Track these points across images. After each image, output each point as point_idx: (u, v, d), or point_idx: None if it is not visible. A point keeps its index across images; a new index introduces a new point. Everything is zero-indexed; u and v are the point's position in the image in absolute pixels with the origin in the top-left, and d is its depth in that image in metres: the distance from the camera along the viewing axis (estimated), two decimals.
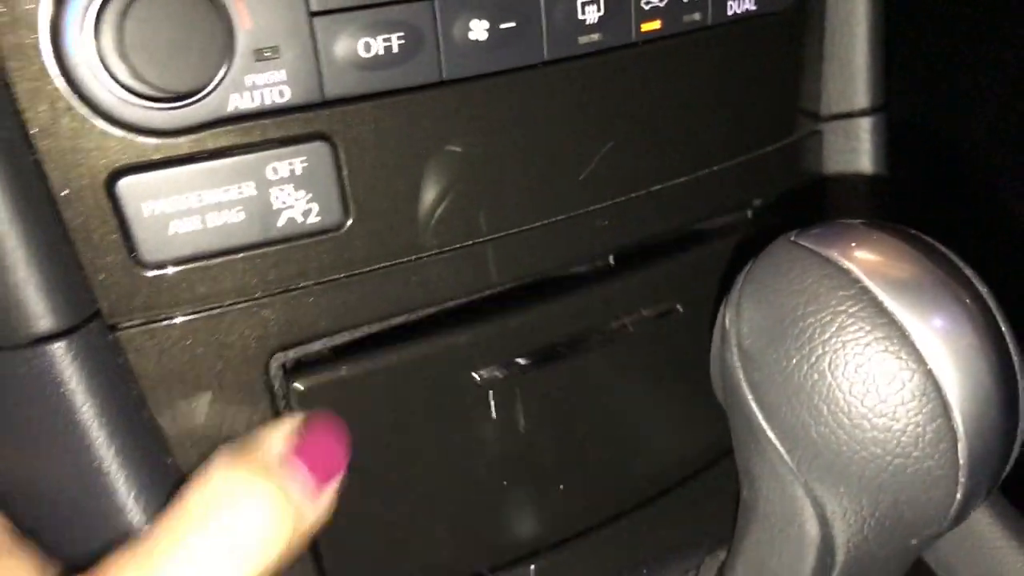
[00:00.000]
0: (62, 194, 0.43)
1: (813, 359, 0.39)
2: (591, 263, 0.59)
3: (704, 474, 0.62)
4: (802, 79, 0.66)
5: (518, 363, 0.55)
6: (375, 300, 0.51)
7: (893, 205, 0.67)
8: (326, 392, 0.51)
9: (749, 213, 0.64)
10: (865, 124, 0.67)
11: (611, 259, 0.59)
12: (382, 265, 0.50)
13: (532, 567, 0.57)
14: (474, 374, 0.54)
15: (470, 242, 0.52)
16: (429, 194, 0.50)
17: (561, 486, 0.58)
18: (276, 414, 0.50)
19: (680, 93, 0.57)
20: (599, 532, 0.59)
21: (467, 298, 0.54)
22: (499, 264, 0.54)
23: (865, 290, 0.38)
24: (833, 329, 0.38)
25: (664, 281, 0.60)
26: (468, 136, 0.51)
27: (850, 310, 0.38)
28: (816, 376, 0.39)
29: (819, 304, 0.39)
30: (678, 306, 0.59)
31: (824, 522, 0.42)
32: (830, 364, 0.38)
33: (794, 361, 0.39)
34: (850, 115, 0.67)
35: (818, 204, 0.68)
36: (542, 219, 0.55)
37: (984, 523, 0.60)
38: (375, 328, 0.52)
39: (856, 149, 0.67)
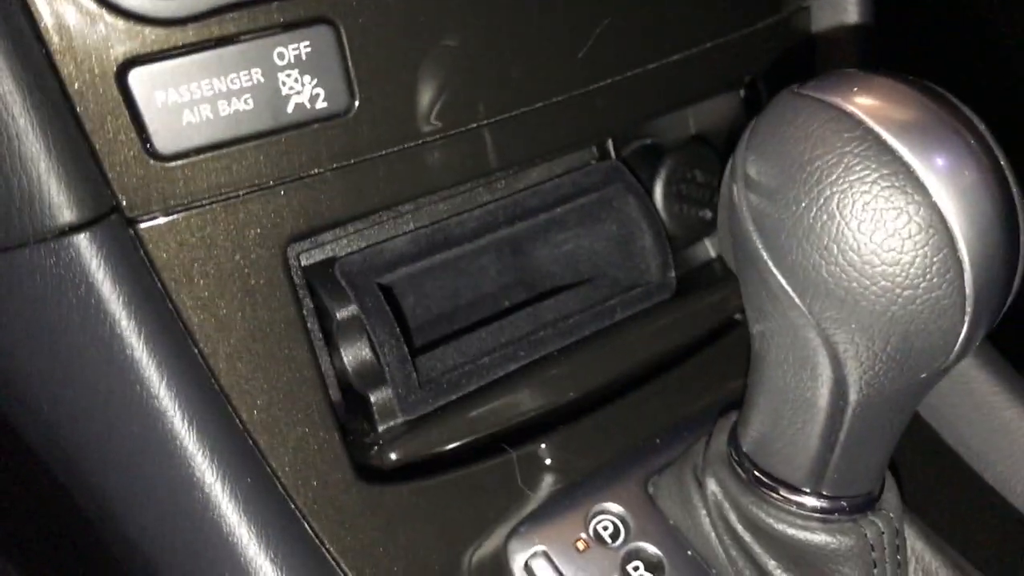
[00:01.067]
0: (75, 88, 0.43)
1: (822, 201, 0.40)
2: None
3: (711, 346, 0.64)
4: None
5: None
6: (385, 185, 0.52)
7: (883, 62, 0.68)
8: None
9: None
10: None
11: None
12: (391, 149, 0.51)
13: (544, 443, 0.59)
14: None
15: (474, 124, 0.53)
16: (431, 76, 0.51)
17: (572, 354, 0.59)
18: (296, 301, 0.51)
19: None
20: (612, 405, 0.61)
21: (472, 181, 0.55)
22: (502, 145, 0.55)
23: (869, 131, 0.39)
24: (840, 170, 0.40)
25: None
26: (468, 16, 0.51)
27: (855, 151, 0.40)
28: (825, 217, 0.40)
29: (825, 147, 0.40)
30: None
31: (837, 362, 0.43)
32: (838, 204, 0.39)
33: (803, 204, 0.41)
34: None
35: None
36: (543, 99, 0.55)
37: (977, 375, 0.62)
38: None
39: (843, 23, 0.67)
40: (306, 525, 0.51)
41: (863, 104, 0.40)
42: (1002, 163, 0.40)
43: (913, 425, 0.57)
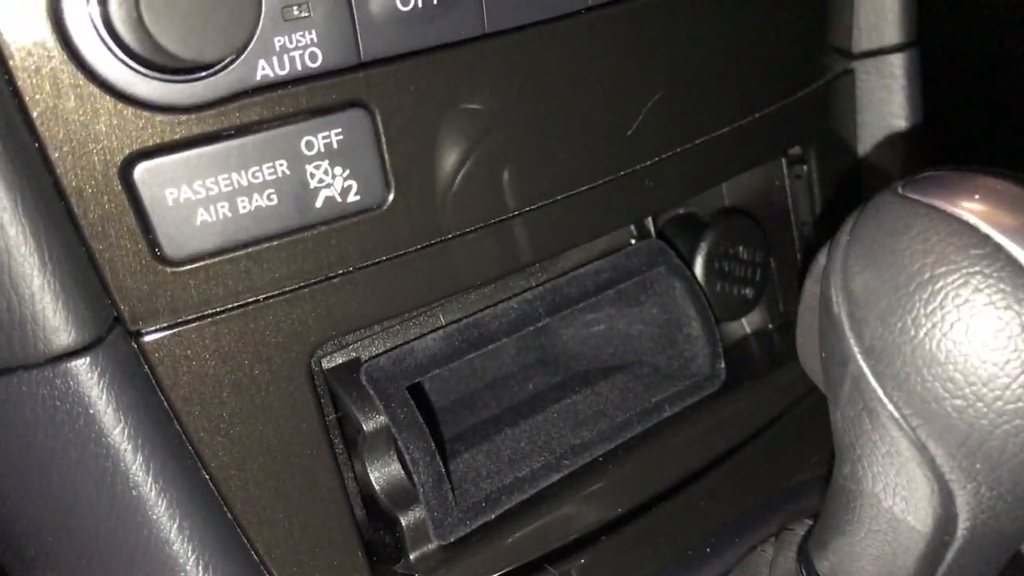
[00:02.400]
0: (72, 185, 0.37)
1: (947, 326, 0.35)
2: None
3: (758, 440, 0.59)
4: (833, 17, 0.62)
5: None
6: (421, 282, 0.46)
7: (932, 143, 0.64)
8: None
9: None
10: (897, 60, 0.63)
11: None
12: (427, 243, 0.45)
13: (583, 561, 0.53)
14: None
15: (517, 212, 0.48)
16: (472, 164, 0.45)
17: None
18: (321, 416, 0.45)
19: (716, 39, 0.53)
20: (656, 510, 0.55)
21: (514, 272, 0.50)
22: (544, 233, 0.50)
23: (999, 247, 0.35)
24: (968, 292, 0.35)
25: None
26: (509, 100, 0.46)
27: (985, 270, 0.35)
28: (951, 345, 0.35)
29: (949, 265, 0.35)
30: None
31: (949, 499, 0.38)
32: (967, 330, 0.35)
33: (924, 330, 0.36)
34: (882, 51, 0.63)
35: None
36: (586, 184, 0.50)
37: None
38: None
39: (890, 87, 0.63)
40: None
41: (983, 212, 0.36)
42: None
43: None
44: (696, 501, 0.56)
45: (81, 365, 0.38)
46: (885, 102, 0.63)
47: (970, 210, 0.36)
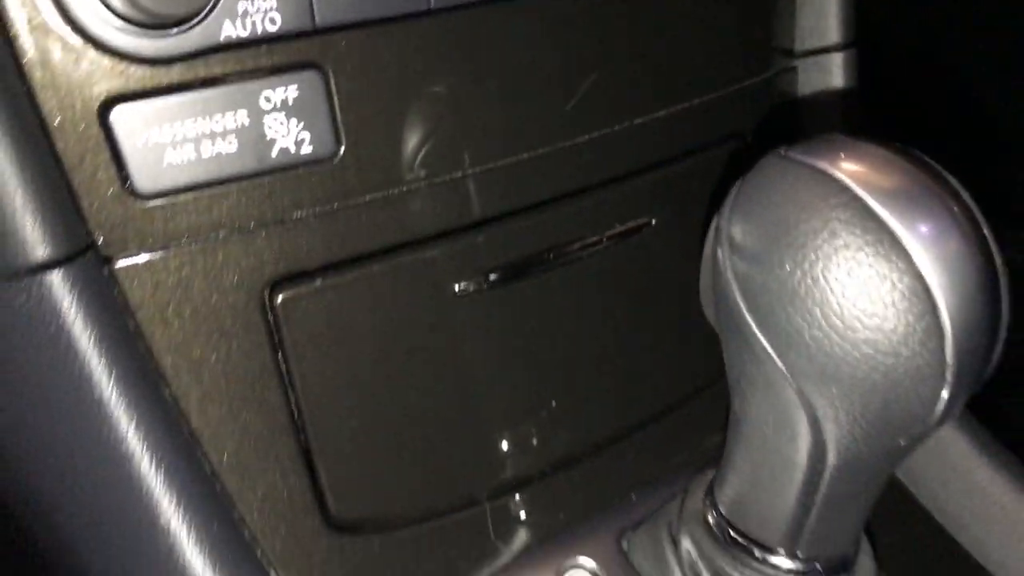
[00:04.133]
0: (55, 124, 0.43)
1: (806, 265, 0.40)
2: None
3: (689, 401, 0.64)
4: (775, 16, 0.67)
5: (495, 274, 0.55)
6: (367, 230, 0.51)
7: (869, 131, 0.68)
8: (308, 306, 0.51)
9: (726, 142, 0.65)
10: (838, 59, 0.68)
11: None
12: (375, 195, 0.51)
13: (517, 496, 0.58)
14: (454, 285, 0.54)
15: (459, 173, 0.53)
16: (418, 124, 0.51)
17: (546, 408, 0.59)
18: (273, 345, 0.50)
19: (660, 28, 0.58)
20: (587, 460, 0.60)
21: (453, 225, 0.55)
22: (486, 195, 0.55)
23: (855, 197, 0.40)
24: (825, 235, 0.40)
25: (638, 196, 0.61)
26: (456, 66, 0.51)
27: (841, 216, 0.40)
28: (809, 281, 0.40)
29: (811, 212, 0.40)
30: (652, 221, 0.60)
31: (816, 425, 0.43)
32: (823, 269, 0.39)
33: (788, 268, 0.40)
34: (823, 51, 0.68)
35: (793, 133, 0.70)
36: (526, 151, 0.55)
37: (953, 438, 0.62)
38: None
39: (829, 84, 0.68)
40: (273, 574, 0.50)
41: (849, 170, 0.40)
42: (985, 232, 0.40)
43: (888, 486, 0.57)
44: (624, 455, 0.61)
45: (55, 277, 0.43)
46: (825, 98, 0.68)
47: (836, 167, 0.41)
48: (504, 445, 0.57)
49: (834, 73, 0.68)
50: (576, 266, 0.59)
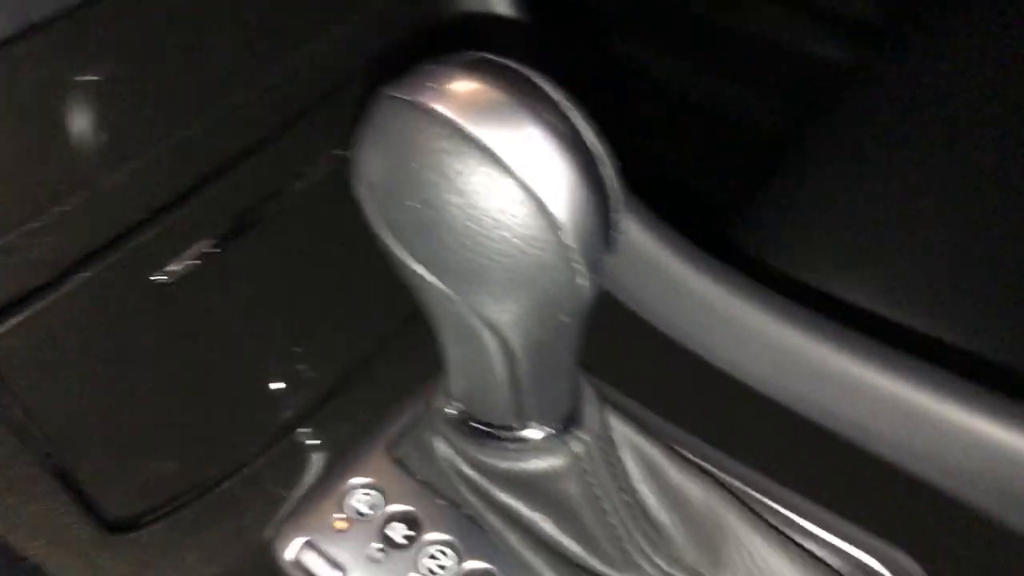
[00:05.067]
0: None
1: (428, 197, 0.43)
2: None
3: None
4: None
5: (202, 250, 0.58)
6: (49, 251, 0.52)
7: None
8: (21, 336, 0.52)
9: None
10: None
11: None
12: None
13: (283, 443, 0.61)
14: (157, 274, 0.56)
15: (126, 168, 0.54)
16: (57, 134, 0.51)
17: (288, 357, 0.62)
18: None
19: None
20: (340, 394, 0.64)
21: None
22: (159, 182, 0.56)
23: (455, 128, 0.43)
24: (438, 167, 0.43)
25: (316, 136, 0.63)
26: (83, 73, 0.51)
27: (446, 148, 0.43)
28: (434, 212, 0.43)
29: (421, 149, 0.43)
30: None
31: (493, 327, 0.48)
32: (444, 197, 0.43)
33: (417, 204, 0.44)
34: None
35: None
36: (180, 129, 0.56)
37: (641, 239, 0.69)
38: None
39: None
40: None
41: (446, 99, 0.44)
42: (578, 128, 0.45)
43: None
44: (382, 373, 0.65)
45: None
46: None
47: (435, 100, 0.44)
48: (256, 402, 0.61)
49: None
50: (283, 217, 0.61)
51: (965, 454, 0.61)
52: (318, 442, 0.63)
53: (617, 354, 0.66)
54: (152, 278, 0.56)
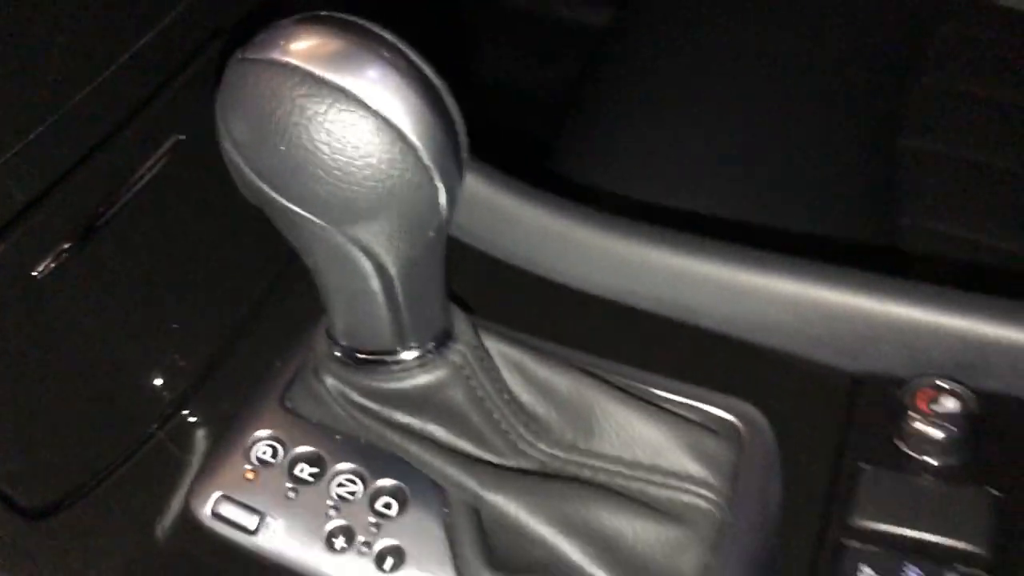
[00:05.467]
0: None
1: (294, 140, 0.48)
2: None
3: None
4: None
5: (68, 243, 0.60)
6: None
7: None
8: None
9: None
10: None
11: None
12: None
13: (184, 412, 0.65)
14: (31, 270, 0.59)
15: None
16: None
17: (171, 331, 0.66)
18: None
19: None
20: (226, 359, 0.68)
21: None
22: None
23: (307, 74, 0.48)
24: (297, 112, 0.48)
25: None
26: None
27: (302, 93, 0.48)
28: (303, 152, 0.48)
29: (280, 99, 0.48)
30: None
31: (369, 252, 0.53)
32: (308, 139, 0.48)
33: (284, 148, 0.49)
34: None
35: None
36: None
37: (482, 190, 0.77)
38: None
39: None
40: None
41: (296, 53, 0.49)
42: (418, 65, 0.51)
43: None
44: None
45: None
46: None
47: (286, 54, 0.49)
48: (149, 377, 0.64)
49: None
50: (136, 207, 0.65)
51: (783, 311, 0.72)
52: (214, 407, 0.66)
53: (469, 288, 0.73)
54: (27, 274, 0.59)
